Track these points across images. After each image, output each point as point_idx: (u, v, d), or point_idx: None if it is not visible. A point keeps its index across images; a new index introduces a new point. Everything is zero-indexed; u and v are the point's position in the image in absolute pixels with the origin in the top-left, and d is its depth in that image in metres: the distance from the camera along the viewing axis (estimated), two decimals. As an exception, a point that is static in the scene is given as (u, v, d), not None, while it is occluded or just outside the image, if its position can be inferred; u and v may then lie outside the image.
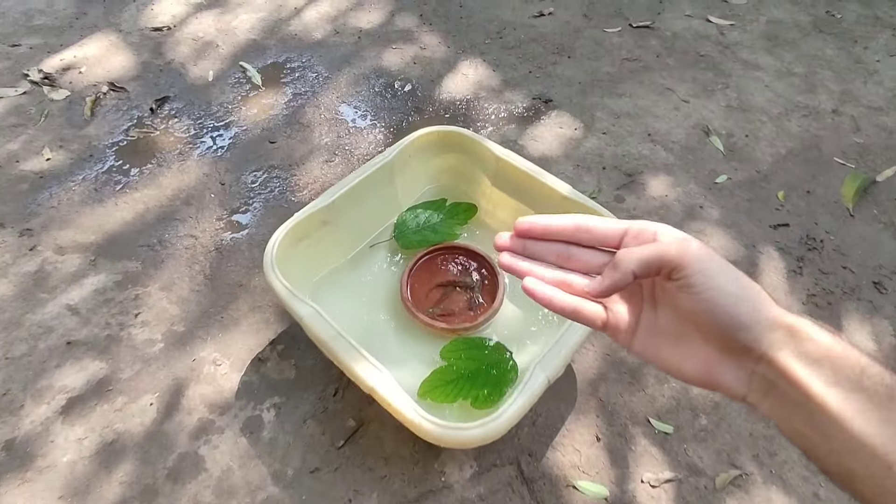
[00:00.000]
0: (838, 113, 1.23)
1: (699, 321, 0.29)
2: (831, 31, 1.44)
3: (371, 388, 0.62)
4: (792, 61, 1.35)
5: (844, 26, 1.45)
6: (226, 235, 1.00)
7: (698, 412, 0.80)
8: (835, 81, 1.30)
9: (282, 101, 1.24)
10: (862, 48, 1.38)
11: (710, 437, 0.78)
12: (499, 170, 0.87)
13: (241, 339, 0.87)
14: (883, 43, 1.39)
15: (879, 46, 1.39)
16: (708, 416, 0.80)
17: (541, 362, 0.63)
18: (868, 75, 1.31)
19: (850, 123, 1.21)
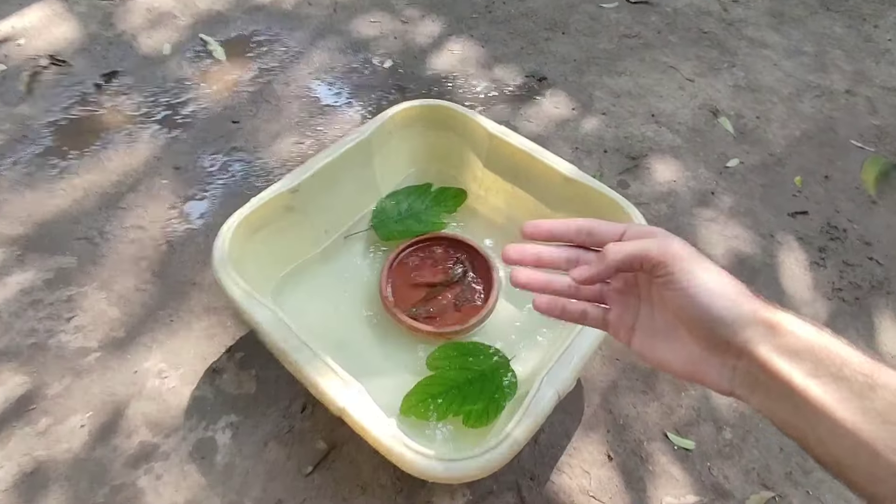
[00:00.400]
0: (852, 93, 1.14)
1: (682, 317, 0.30)
2: (838, 8, 1.35)
3: (341, 409, 0.51)
4: (800, 39, 1.26)
5: (851, 4, 1.37)
6: (179, 226, 0.87)
7: (722, 424, 0.70)
8: (846, 61, 1.21)
9: (247, 78, 1.11)
10: (872, 27, 1.30)
11: (737, 453, 0.68)
12: (492, 149, 0.76)
13: (192, 347, 0.74)
14: (893, 21, 1.31)
15: (889, 25, 1.31)
16: (733, 429, 0.70)
17: (548, 375, 0.53)
18: (880, 54, 1.23)
19: (865, 104, 1.12)
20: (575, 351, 0.54)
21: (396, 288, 0.72)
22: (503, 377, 0.64)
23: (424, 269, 0.74)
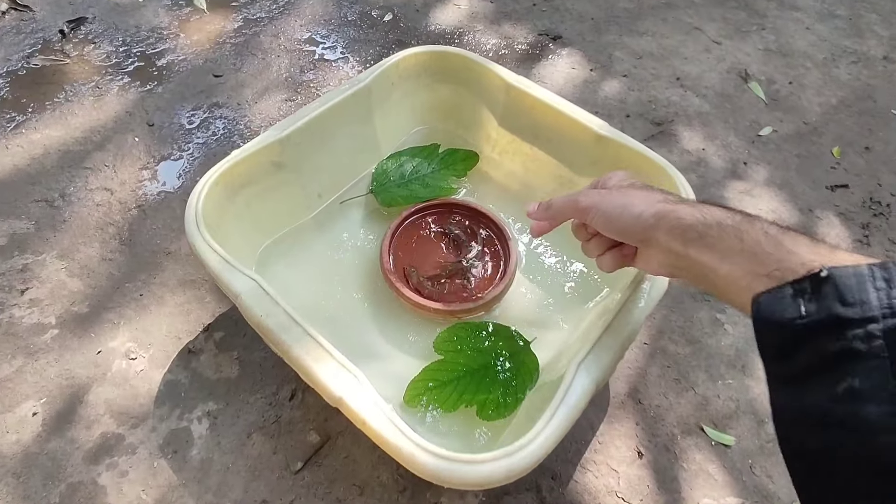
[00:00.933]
0: (890, 60, 1.06)
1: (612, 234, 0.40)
2: (872, -28, 1.26)
3: (338, 398, 0.42)
4: (833, 2, 1.17)
5: (886, -32, 1.27)
6: (151, 189, 0.77)
7: (763, 417, 0.63)
8: (882, 26, 1.12)
9: (231, 28, 1.00)
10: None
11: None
12: (510, 104, 0.67)
13: (165, 324, 0.65)
14: (931, -14, 1.22)
15: (927, -10, 1.21)
16: (776, 423, 0.62)
17: (585, 361, 0.44)
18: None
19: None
20: (616, 333, 0.46)
21: (400, 260, 0.63)
22: (523, 361, 0.56)
23: (431, 241, 0.65)
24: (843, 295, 0.25)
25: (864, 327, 0.24)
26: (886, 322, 0.24)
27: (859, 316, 0.24)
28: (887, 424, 0.23)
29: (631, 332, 0.46)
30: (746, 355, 0.67)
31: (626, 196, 0.39)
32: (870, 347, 0.24)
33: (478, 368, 0.55)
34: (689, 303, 0.71)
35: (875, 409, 0.23)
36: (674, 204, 0.36)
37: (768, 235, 0.30)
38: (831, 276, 0.26)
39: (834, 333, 0.25)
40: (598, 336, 0.45)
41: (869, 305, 0.24)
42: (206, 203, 0.52)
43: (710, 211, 0.34)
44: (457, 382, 0.54)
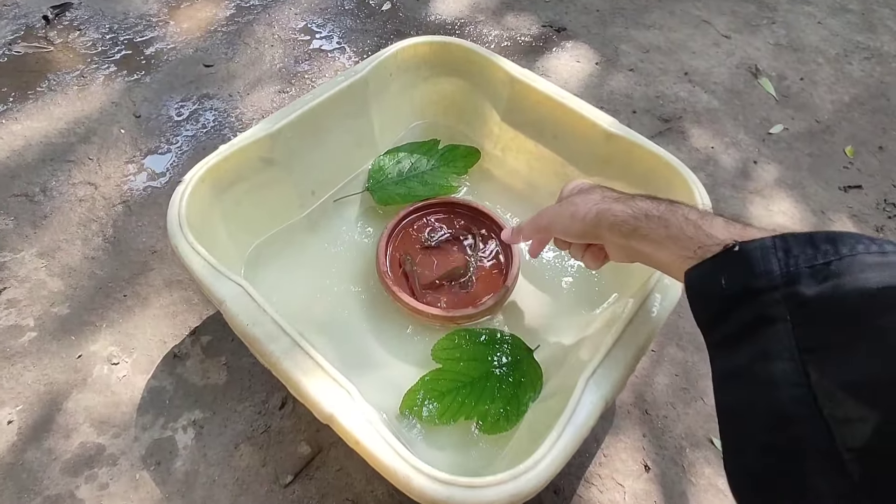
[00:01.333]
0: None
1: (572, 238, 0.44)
2: (885, -35, 1.22)
3: (329, 416, 0.39)
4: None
5: (898, -39, 1.24)
6: (137, 184, 0.73)
7: (775, 429, 0.60)
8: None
9: (223, 16, 0.96)
10: (922, -15, 1.18)
11: (794, 464, 0.58)
12: (514, 98, 0.63)
13: (150, 328, 0.62)
14: (945, -19, 1.19)
15: (941, -16, 1.18)
16: (788, 435, 0.59)
17: (594, 375, 0.41)
18: (932, 16, 1.11)
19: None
20: (628, 345, 0.43)
21: (397, 262, 0.60)
22: (525, 370, 0.53)
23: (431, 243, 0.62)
24: (752, 266, 0.28)
25: (771, 294, 0.27)
26: (786, 289, 0.26)
27: (766, 285, 0.27)
28: (789, 379, 0.25)
29: (643, 343, 0.44)
30: (757, 364, 0.64)
31: (571, 204, 0.42)
32: (776, 312, 0.26)
33: (478, 378, 0.53)
34: (698, 308, 0.68)
35: (780, 366, 0.26)
36: (609, 202, 0.39)
37: (688, 220, 0.33)
38: (742, 251, 0.29)
39: (749, 301, 0.28)
40: (608, 348, 0.42)
41: (773, 275, 0.27)
42: (191, 202, 0.49)
43: (638, 205, 0.37)
44: (456, 393, 0.52)
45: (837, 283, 0.25)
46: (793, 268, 0.26)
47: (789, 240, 0.27)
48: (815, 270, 0.26)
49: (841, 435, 0.23)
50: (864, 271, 0.25)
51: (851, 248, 0.26)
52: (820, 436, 0.24)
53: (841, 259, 0.25)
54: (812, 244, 0.27)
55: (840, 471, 0.23)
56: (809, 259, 0.26)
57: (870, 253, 0.25)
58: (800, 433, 0.25)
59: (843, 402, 0.24)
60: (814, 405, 0.24)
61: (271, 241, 0.61)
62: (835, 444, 0.23)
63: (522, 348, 0.54)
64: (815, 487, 0.24)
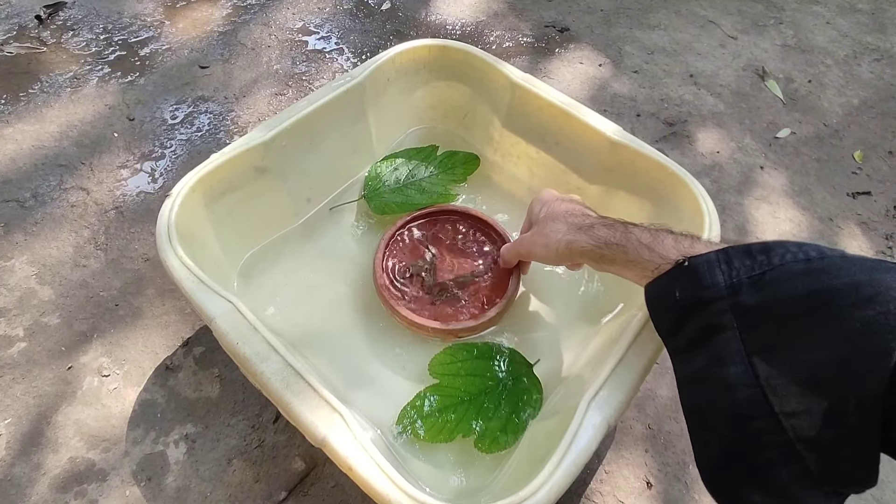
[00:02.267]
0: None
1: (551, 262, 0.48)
2: (894, -36, 1.20)
3: (322, 440, 0.38)
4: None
5: (909, -40, 1.21)
6: (130, 189, 0.72)
7: (781, 445, 0.58)
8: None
9: (219, 16, 0.94)
10: (933, -15, 1.15)
11: (800, 482, 0.56)
12: (515, 103, 0.62)
13: (142, 338, 0.60)
14: (956, -20, 1.16)
15: (952, -16, 1.16)
16: (794, 451, 0.58)
17: (596, 398, 0.40)
18: (943, 16, 1.09)
19: (928, 72, 0.99)
20: (631, 365, 0.41)
21: (395, 273, 0.58)
22: (525, 387, 0.51)
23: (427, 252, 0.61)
24: (700, 279, 0.31)
25: (718, 304, 0.29)
26: (731, 299, 0.29)
27: (714, 295, 0.30)
28: (742, 381, 0.28)
29: (648, 363, 0.42)
30: (763, 377, 0.62)
31: (542, 235, 0.45)
32: (724, 320, 0.29)
33: (477, 394, 0.51)
34: (703, 319, 0.66)
35: (733, 370, 0.28)
36: (574, 233, 0.42)
37: (642, 244, 0.36)
38: (690, 265, 0.32)
39: (701, 311, 0.30)
40: (611, 368, 0.41)
41: (719, 286, 0.30)
42: (181, 212, 0.47)
43: (599, 234, 0.40)
44: (454, 410, 0.50)
45: (773, 291, 0.28)
46: (735, 279, 0.29)
47: (731, 252, 0.30)
48: (753, 281, 0.29)
49: (791, 427, 0.26)
50: (792, 279, 0.28)
51: (781, 258, 0.28)
52: (774, 430, 0.26)
53: (773, 269, 0.28)
54: (749, 255, 0.30)
55: (797, 459, 0.26)
56: (748, 270, 0.29)
57: (796, 261, 0.28)
58: (756, 429, 0.27)
59: (788, 398, 0.26)
60: (765, 403, 0.27)
61: (265, 251, 0.59)
62: (788, 437, 0.26)
63: (522, 363, 0.53)
64: (776, 476, 0.27)
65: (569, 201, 0.47)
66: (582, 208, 0.46)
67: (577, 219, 0.43)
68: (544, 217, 0.46)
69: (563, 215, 0.44)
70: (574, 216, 0.44)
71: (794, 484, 0.26)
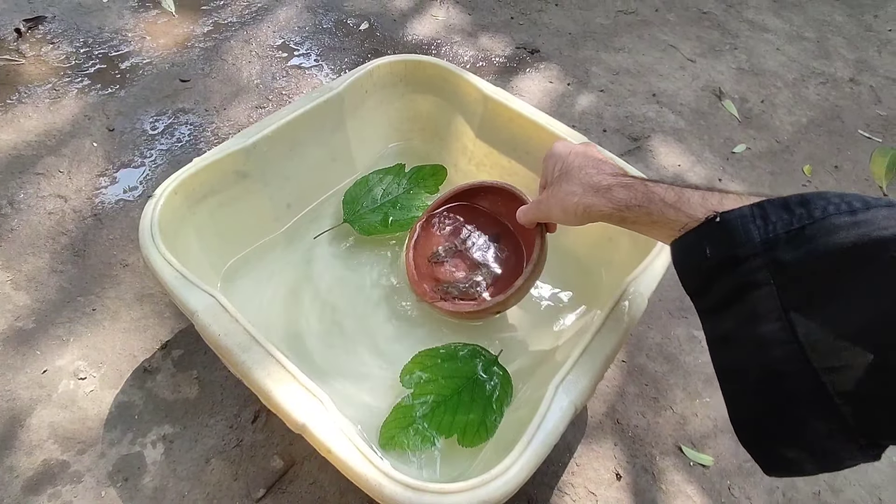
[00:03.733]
0: (856, 82, 1.09)
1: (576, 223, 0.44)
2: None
3: (302, 425, 0.39)
4: (801, 25, 1.20)
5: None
6: (109, 197, 0.73)
7: (741, 437, 0.62)
8: (848, 49, 1.16)
9: (200, 32, 0.97)
10: (872, 16, 1.25)
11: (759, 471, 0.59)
12: (488, 116, 0.65)
13: (119, 341, 0.61)
14: (893, 12, 1.27)
15: (889, 15, 1.26)
16: (753, 442, 0.61)
17: (563, 382, 0.42)
18: (882, 44, 1.18)
19: (869, 94, 1.07)
20: (596, 353, 0.44)
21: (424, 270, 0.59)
22: (495, 379, 0.54)
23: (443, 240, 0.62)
24: (733, 236, 0.29)
25: (753, 261, 0.28)
26: (767, 255, 0.28)
27: (748, 252, 0.28)
28: (778, 338, 0.27)
29: (611, 351, 0.45)
30: (724, 373, 0.66)
31: (559, 199, 0.43)
32: (760, 277, 0.28)
33: (450, 395, 0.53)
34: (667, 319, 0.70)
35: (768, 327, 0.27)
36: (591, 196, 0.40)
37: (667, 204, 0.34)
38: (722, 221, 0.30)
39: (733, 269, 0.29)
40: (577, 356, 0.44)
41: (753, 242, 0.28)
42: (164, 213, 0.49)
43: (618, 197, 0.38)
44: (431, 415, 0.52)
45: (814, 245, 0.26)
46: (771, 234, 0.28)
47: (766, 207, 0.29)
48: (792, 235, 0.27)
49: (830, 382, 0.25)
50: (836, 232, 0.26)
51: (823, 210, 0.27)
52: (812, 385, 0.26)
53: (814, 222, 0.27)
54: (787, 209, 0.28)
55: (834, 413, 0.26)
56: (786, 224, 0.27)
57: (840, 213, 0.26)
58: (793, 385, 0.27)
59: (828, 353, 0.26)
60: (803, 358, 0.26)
61: (249, 257, 0.60)
62: (826, 391, 0.26)
63: (487, 357, 0.55)
64: (813, 429, 0.27)
65: (583, 154, 0.43)
66: (597, 160, 0.42)
67: (593, 178, 0.40)
68: (559, 176, 0.43)
69: (577, 174, 0.41)
70: (589, 174, 0.41)
71: (830, 438, 0.26)
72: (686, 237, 0.32)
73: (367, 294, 0.61)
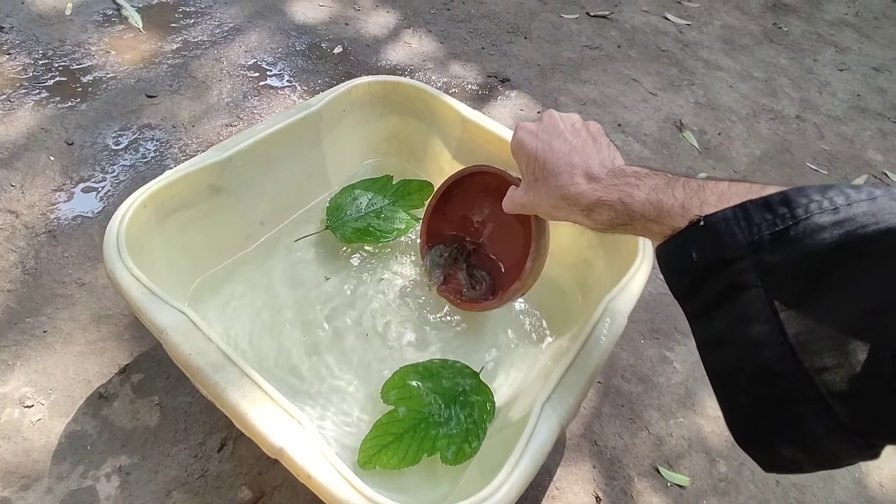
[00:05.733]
0: (802, 119, 1.16)
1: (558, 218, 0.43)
2: (780, 41, 1.40)
3: (279, 449, 0.37)
4: (750, 65, 1.28)
5: (791, 39, 1.42)
6: (65, 213, 0.69)
7: (715, 456, 0.62)
8: (793, 88, 1.24)
9: (168, 49, 0.95)
10: (812, 60, 1.35)
11: (734, 489, 0.60)
12: (465, 137, 0.66)
13: (72, 366, 0.57)
14: (829, 58, 1.38)
15: (827, 60, 1.36)
16: (727, 461, 0.62)
17: (549, 401, 0.42)
18: (822, 86, 1.27)
19: (814, 130, 1.14)
20: (580, 371, 0.44)
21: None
22: (477, 396, 0.53)
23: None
24: (718, 239, 0.29)
25: (740, 263, 0.28)
26: (753, 257, 0.28)
27: (734, 255, 0.28)
28: (769, 339, 0.27)
29: (595, 369, 0.45)
30: (695, 393, 0.67)
31: (545, 204, 0.42)
32: (748, 279, 0.28)
33: (432, 412, 0.52)
34: (639, 340, 0.71)
35: (759, 329, 0.27)
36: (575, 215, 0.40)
37: (648, 220, 0.34)
38: (706, 224, 0.30)
39: (720, 272, 0.29)
40: (561, 375, 0.43)
41: (738, 245, 0.28)
42: (131, 226, 0.46)
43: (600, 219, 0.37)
44: (413, 432, 0.50)
45: (798, 247, 0.26)
46: (756, 236, 0.28)
47: (749, 208, 0.29)
48: (776, 237, 0.27)
49: (822, 382, 0.25)
50: (819, 233, 0.26)
51: (805, 209, 0.27)
52: (804, 387, 0.26)
53: (797, 223, 0.27)
54: (769, 209, 0.28)
55: (829, 413, 0.26)
56: (770, 225, 0.27)
57: (822, 212, 0.26)
58: (785, 386, 0.27)
59: (819, 353, 0.26)
60: (794, 360, 0.26)
61: (217, 275, 0.58)
62: (819, 392, 0.26)
63: (469, 372, 0.54)
64: (810, 428, 0.26)
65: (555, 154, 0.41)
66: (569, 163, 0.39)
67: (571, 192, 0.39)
68: (535, 181, 0.42)
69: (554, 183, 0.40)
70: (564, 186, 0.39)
71: (827, 437, 0.26)
72: (671, 241, 0.33)
73: (343, 311, 0.59)
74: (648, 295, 0.76)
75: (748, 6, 1.51)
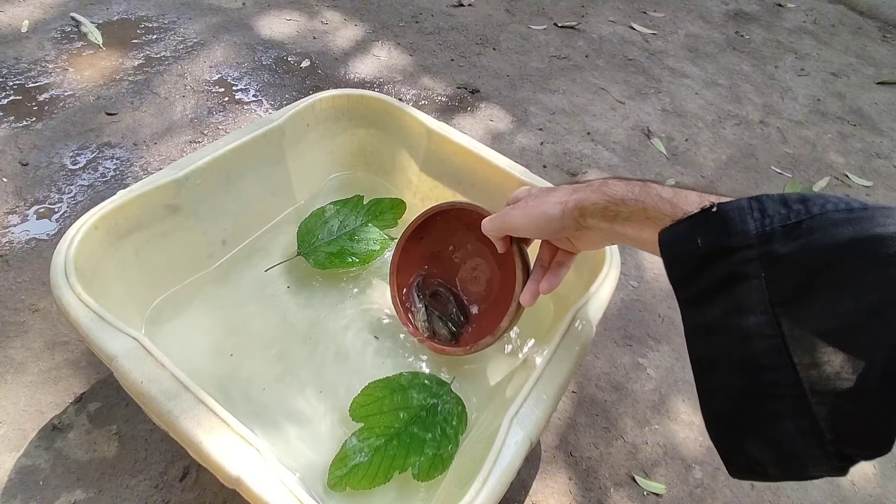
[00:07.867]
0: (765, 124, 1.19)
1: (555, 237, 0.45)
2: (743, 49, 1.44)
3: (236, 479, 0.35)
4: (714, 73, 1.31)
5: (753, 46, 1.46)
6: (18, 236, 0.66)
7: (690, 463, 0.62)
8: (756, 94, 1.27)
9: (130, 66, 0.93)
10: (773, 67, 1.39)
11: (710, 496, 0.60)
12: (431, 149, 0.65)
13: (24, 396, 0.54)
14: (790, 64, 1.41)
15: (787, 67, 1.40)
16: (702, 467, 0.62)
17: (517, 416, 0.41)
18: (783, 91, 1.31)
19: (777, 134, 1.17)
20: (548, 383, 0.43)
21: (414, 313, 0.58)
22: (448, 407, 0.52)
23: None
24: (728, 226, 0.29)
25: (745, 252, 0.28)
26: (761, 247, 0.27)
27: (741, 244, 0.28)
28: (762, 331, 0.27)
29: (564, 381, 0.44)
30: (669, 399, 0.67)
31: (539, 205, 0.42)
32: (750, 269, 0.28)
33: (403, 427, 0.50)
34: (612, 348, 0.71)
35: (753, 320, 0.27)
36: (583, 192, 0.39)
37: (663, 199, 0.34)
38: (719, 211, 0.29)
39: (723, 259, 0.29)
40: (529, 388, 0.43)
41: (748, 234, 0.28)
42: (81, 249, 0.44)
43: (612, 190, 0.37)
44: (384, 449, 0.49)
45: (809, 240, 0.26)
46: (768, 227, 0.27)
47: (764, 201, 0.28)
48: (788, 229, 0.27)
49: (808, 379, 0.26)
50: (833, 227, 0.26)
51: (821, 208, 0.27)
52: (789, 382, 0.26)
53: (812, 218, 0.27)
54: (785, 204, 0.28)
55: (807, 412, 0.26)
56: (783, 219, 0.27)
57: (838, 211, 0.26)
58: (770, 380, 0.27)
59: (811, 349, 0.26)
60: (785, 353, 0.26)
61: (176, 297, 0.56)
62: (802, 389, 0.26)
63: (439, 383, 0.53)
64: (781, 429, 0.27)
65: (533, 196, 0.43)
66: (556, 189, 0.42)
67: (577, 185, 0.40)
68: (538, 193, 0.43)
69: (557, 188, 0.42)
70: (572, 185, 0.41)
71: (799, 439, 0.26)
72: (678, 225, 0.32)
73: (310, 329, 0.58)
74: (621, 301, 0.76)
75: (711, 15, 1.55)
